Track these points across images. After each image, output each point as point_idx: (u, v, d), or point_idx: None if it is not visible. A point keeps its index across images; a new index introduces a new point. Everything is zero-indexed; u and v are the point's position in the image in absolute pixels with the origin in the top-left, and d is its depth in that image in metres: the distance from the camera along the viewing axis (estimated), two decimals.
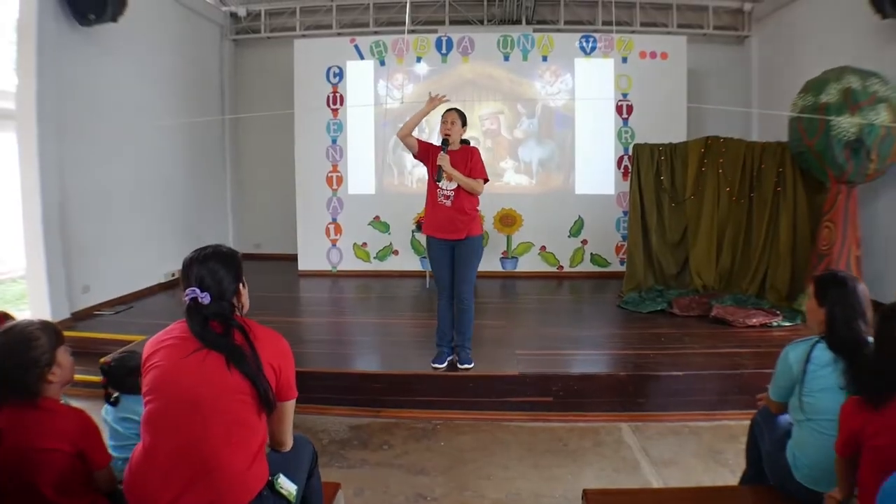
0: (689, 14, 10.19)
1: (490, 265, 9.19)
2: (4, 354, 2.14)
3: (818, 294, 2.78)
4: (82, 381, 5.13)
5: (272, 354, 2.18)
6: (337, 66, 9.36)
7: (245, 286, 2.36)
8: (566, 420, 4.67)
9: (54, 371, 2.21)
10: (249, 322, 2.22)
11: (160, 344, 2.16)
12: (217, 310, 2.17)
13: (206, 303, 2.16)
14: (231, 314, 2.21)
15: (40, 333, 2.22)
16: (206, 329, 2.12)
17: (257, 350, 2.12)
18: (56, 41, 6.65)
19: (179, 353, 2.09)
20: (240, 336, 2.13)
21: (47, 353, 2.20)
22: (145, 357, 2.17)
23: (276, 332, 2.27)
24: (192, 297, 2.16)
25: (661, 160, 7.63)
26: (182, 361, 2.07)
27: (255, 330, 2.18)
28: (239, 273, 2.32)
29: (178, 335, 2.15)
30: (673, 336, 5.93)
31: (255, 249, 11.09)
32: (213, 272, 2.22)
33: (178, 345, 2.11)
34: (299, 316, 7.44)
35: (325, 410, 4.82)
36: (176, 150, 9.23)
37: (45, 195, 6.48)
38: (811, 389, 2.65)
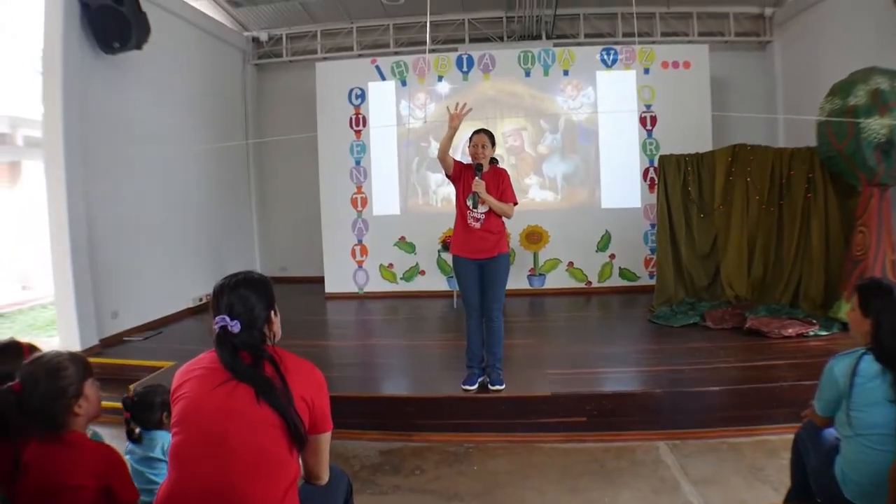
0: (710, 22, 10.12)
1: (517, 283, 9.05)
2: (31, 384, 2.10)
3: (862, 304, 2.70)
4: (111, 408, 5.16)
5: (305, 386, 2.11)
6: (359, 88, 9.38)
7: (277, 314, 2.31)
8: (601, 440, 4.56)
9: (81, 404, 2.17)
10: (281, 352, 2.15)
11: (189, 374, 2.11)
12: (247, 339, 2.12)
13: (237, 331, 2.11)
14: (262, 344, 2.16)
15: (69, 364, 2.18)
16: (235, 359, 2.07)
17: (289, 382, 2.05)
18: (81, 69, 6.74)
19: (208, 384, 2.04)
20: (270, 368, 2.07)
21: (75, 385, 2.16)
22: (174, 387, 2.12)
23: (309, 363, 2.21)
24: (222, 326, 2.11)
25: (687, 171, 7.53)
26: (210, 393, 2.02)
27: (286, 361, 2.12)
28: (270, 300, 2.27)
29: (206, 365, 2.11)
30: (707, 350, 5.81)
31: (282, 273, 11.12)
32: (243, 299, 2.18)
33: (207, 375, 2.06)
34: (327, 339, 7.39)
35: (355, 435, 4.75)
36: (201, 175, 9.29)
37: (72, 222, 6.52)
38: (859, 404, 2.56)
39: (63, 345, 6.64)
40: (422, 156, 9.24)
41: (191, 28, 9.09)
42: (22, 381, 2.10)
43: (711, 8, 10.01)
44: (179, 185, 8.67)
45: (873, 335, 2.60)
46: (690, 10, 10.04)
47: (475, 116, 8.90)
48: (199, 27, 9.33)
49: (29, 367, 2.14)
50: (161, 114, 8.25)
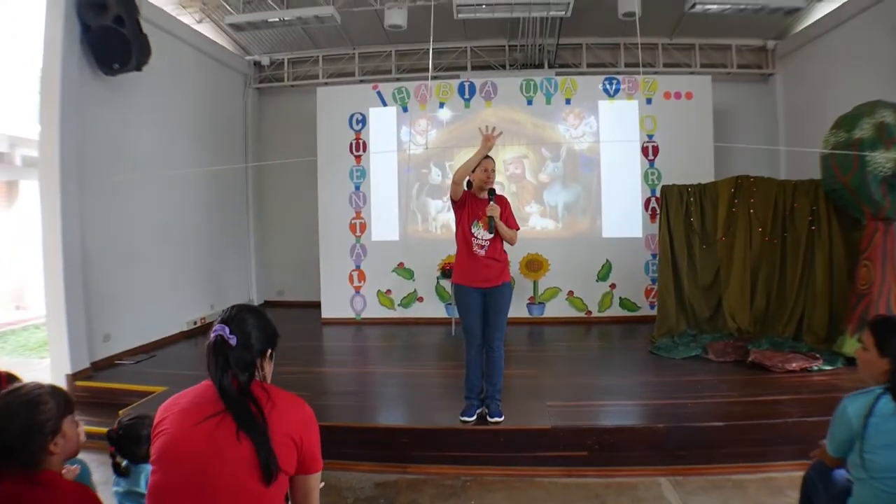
0: (712, 53, 10.16)
1: (517, 311, 8.89)
2: (7, 417, 1.96)
3: (880, 344, 2.61)
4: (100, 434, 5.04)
5: (294, 425, 2.00)
6: (360, 113, 9.35)
7: (272, 360, 2.21)
8: (602, 475, 4.45)
9: (58, 441, 2.03)
10: (269, 387, 2.06)
11: (172, 408, 2.00)
12: (239, 357, 2.02)
13: (233, 344, 2.02)
14: (250, 376, 2.05)
15: (49, 398, 2.04)
16: (224, 375, 1.97)
17: (275, 419, 1.95)
18: (79, 90, 6.69)
19: (190, 419, 1.92)
20: (253, 406, 1.96)
21: (53, 421, 2.02)
22: (156, 422, 2.00)
23: (299, 399, 2.10)
24: (219, 334, 2.02)
25: (690, 201, 7.47)
26: (191, 429, 1.90)
27: (274, 396, 2.02)
28: (271, 342, 2.18)
29: (191, 399, 2.00)
30: (710, 383, 5.71)
31: (278, 297, 11.10)
32: (244, 323, 2.09)
33: (190, 409, 1.95)
34: (323, 366, 7.28)
35: (349, 466, 4.64)
36: (199, 198, 9.24)
37: (66, 243, 6.45)
38: (874, 446, 2.46)
39: (54, 367, 6.58)
40: (422, 182, 9.18)
41: (192, 51, 9.09)
42: None
43: (714, 40, 10.05)
44: (177, 207, 8.61)
45: (893, 376, 2.52)
46: (693, 42, 10.08)
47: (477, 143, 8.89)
48: (201, 50, 9.34)
49: (5, 398, 2.01)
50: (160, 136, 8.22)
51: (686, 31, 9.83)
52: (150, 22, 7.49)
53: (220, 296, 9.70)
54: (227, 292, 10.01)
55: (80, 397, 6.30)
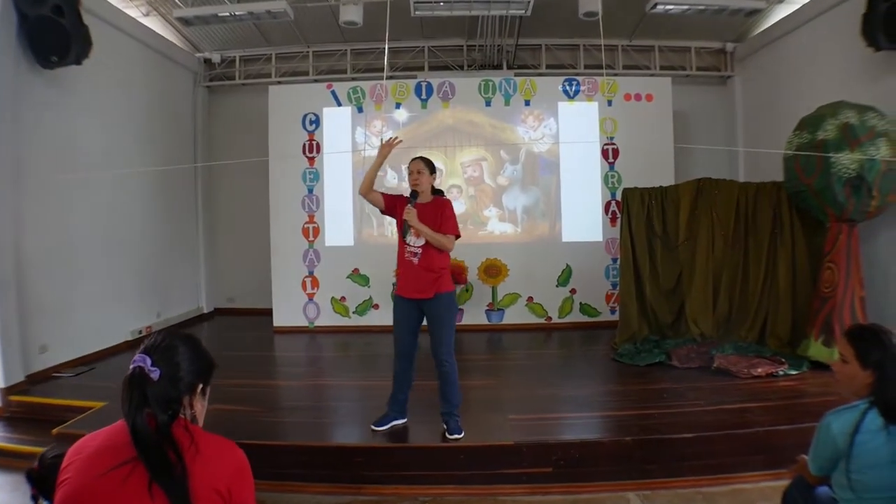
0: (672, 56, 10.11)
1: (475, 318, 8.89)
2: None
3: (861, 355, 2.45)
4: (32, 454, 4.69)
5: (221, 475, 1.69)
6: (313, 113, 9.08)
7: (205, 398, 1.92)
8: (568, 492, 4.27)
9: None
10: (194, 429, 1.75)
11: (79, 452, 1.69)
12: (160, 394, 1.72)
13: (154, 378, 1.72)
14: (173, 413, 1.75)
15: None
16: (139, 413, 1.65)
17: (198, 470, 1.64)
18: (14, 83, 6.32)
19: (96, 467, 1.61)
20: (172, 452, 1.64)
21: None
22: (63, 466, 1.70)
23: (229, 443, 1.79)
24: (138, 366, 1.73)
25: (651, 204, 7.36)
26: (96, 481, 1.59)
27: (199, 441, 1.71)
28: (203, 374, 1.89)
29: (101, 442, 1.69)
30: (675, 391, 5.57)
31: (229, 304, 10.75)
32: (173, 351, 1.81)
33: (98, 456, 1.65)
34: (274, 378, 6.98)
35: (300, 488, 4.40)
36: (145, 199, 8.86)
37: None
38: (862, 465, 2.32)
39: None
40: (377, 185, 8.84)
41: (138, 45, 8.71)
42: None
43: (674, 42, 10.00)
44: (121, 209, 8.23)
45: (877, 388, 2.38)
46: (652, 44, 10.02)
47: (434, 145, 8.73)
48: (147, 45, 8.95)
49: None
50: (103, 134, 7.84)
51: (646, 32, 9.75)
52: (93, 13, 7.15)
53: (166, 304, 9.33)
54: (175, 300, 9.63)
55: (15, 413, 5.99)
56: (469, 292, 8.83)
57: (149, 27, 9.06)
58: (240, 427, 4.84)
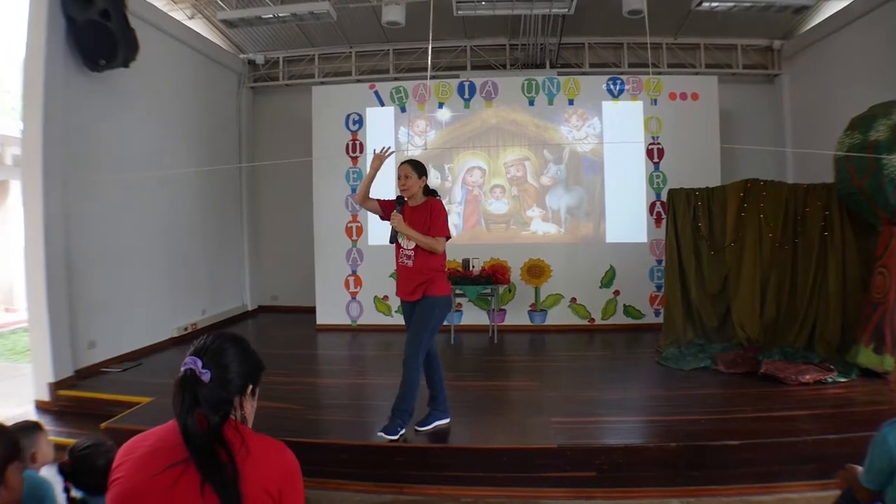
0: (717, 54, 9.94)
1: (518, 318, 8.86)
2: None
3: None
4: None
5: (271, 476, 1.69)
6: (356, 113, 9.12)
7: (255, 398, 1.91)
8: (611, 497, 4.22)
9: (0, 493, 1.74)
10: (245, 431, 1.75)
11: (131, 452, 1.70)
12: (211, 395, 1.71)
13: (206, 380, 1.72)
14: (224, 415, 1.74)
15: None
16: (190, 415, 1.65)
17: (249, 471, 1.64)
18: (64, 87, 6.47)
19: (148, 468, 1.62)
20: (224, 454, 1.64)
21: None
22: (115, 465, 1.70)
23: (280, 445, 1.79)
24: (189, 368, 1.72)
25: (697, 206, 7.26)
26: (148, 482, 1.60)
27: (250, 442, 1.70)
28: (253, 376, 1.88)
29: (153, 443, 1.70)
30: (722, 397, 5.48)
31: (272, 301, 10.88)
32: (223, 353, 1.80)
33: (150, 456, 1.65)
34: (316, 376, 7.04)
35: (342, 486, 4.41)
36: (191, 199, 9.01)
37: (48, 246, 6.22)
38: None
39: (36, 375, 6.36)
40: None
41: (183, 48, 8.84)
42: None
43: (719, 40, 9.83)
44: (167, 209, 8.37)
45: None
46: (698, 42, 9.86)
47: (477, 144, 8.71)
48: (192, 47, 9.09)
49: None
50: (150, 135, 7.98)
51: (691, 30, 9.60)
52: (139, 17, 7.28)
53: (212, 301, 9.46)
54: (220, 297, 9.77)
55: (63, 407, 6.13)
56: (512, 293, 8.80)
57: (194, 30, 9.22)
58: (283, 424, 4.89)
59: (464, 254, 8.42)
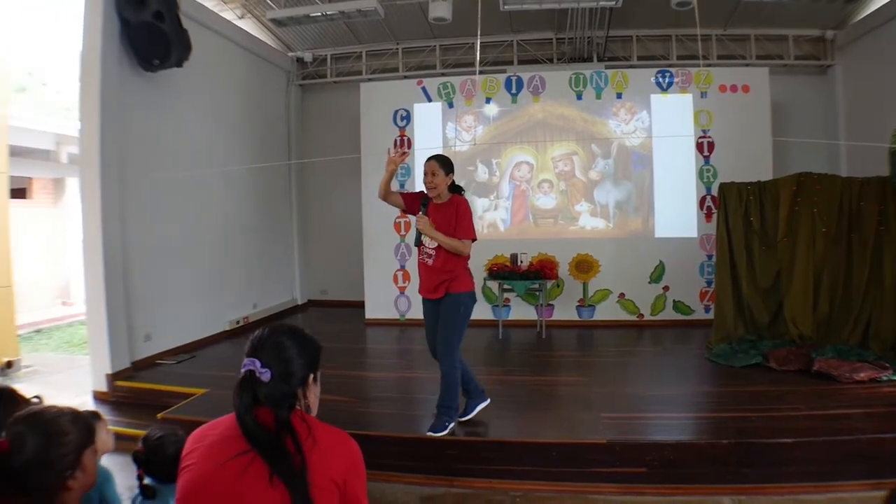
0: (768, 44, 9.75)
1: (566, 314, 8.85)
2: (21, 446, 1.69)
3: None
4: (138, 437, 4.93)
5: (337, 465, 1.74)
6: (404, 109, 9.19)
7: (317, 382, 1.97)
8: (662, 493, 4.20)
9: (76, 476, 1.78)
10: (311, 421, 1.80)
11: (201, 440, 1.77)
12: (273, 393, 1.76)
13: (266, 380, 1.76)
14: (289, 407, 1.80)
15: (70, 428, 1.78)
16: (248, 413, 1.71)
17: (315, 461, 1.69)
18: (120, 87, 6.65)
19: (217, 456, 1.68)
20: (291, 443, 1.70)
21: (72, 455, 1.77)
22: (184, 453, 1.78)
23: (344, 434, 1.84)
24: (249, 369, 1.77)
25: (749, 200, 7.14)
26: (218, 470, 1.66)
27: (316, 432, 1.76)
28: (313, 363, 1.93)
29: (221, 431, 1.76)
30: (774, 395, 5.39)
31: (322, 296, 11.04)
32: (280, 349, 1.84)
33: (220, 444, 1.72)
34: (365, 369, 7.12)
35: (393, 478, 4.45)
36: (241, 195, 9.18)
37: (106, 241, 6.41)
38: None
39: (94, 366, 6.57)
40: (468, 179, 8.96)
41: (233, 47, 9.02)
42: (10, 439, 1.70)
43: (770, 30, 9.63)
44: (218, 205, 8.56)
45: None
46: (748, 33, 9.68)
47: (524, 139, 8.72)
48: (242, 46, 9.26)
49: (21, 424, 1.74)
50: (201, 133, 8.17)
51: (741, 20, 9.43)
52: (191, 17, 7.44)
53: (263, 295, 9.64)
54: (271, 291, 9.95)
55: (120, 397, 6.33)
56: (560, 288, 8.78)
57: (244, 29, 9.38)
58: (336, 416, 4.92)
59: (512, 249, 8.42)
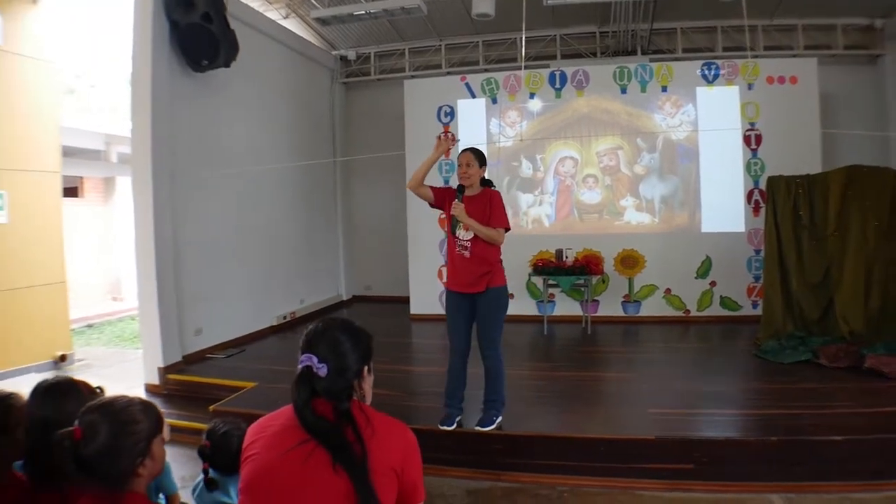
0: (816, 34, 9.55)
1: (611, 309, 8.82)
2: (94, 435, 1.78)
3: None
4: (189, 429, 5.08)
5: (395, 453, 1.80)
6: (448, 105, 9.23)
7: (371, 373, 2.02)
8: (710, 490, 4.19)
9: (146, 463, 1.87)
10: (369, 411, 1.87)
11: (262, 431, 1.84)
12: (331, 386, 1.83)
13: (323, 374, 1.82)
14: (347, 398, 1.86)
15: (141, 417, 1.87)
16: (307, 407, 1.78)
17: (375, 449, 1.75)
18: (170, 87, 6.81)
19: (280, 445, 1.75)
20: (351, 432, 1.76)
21: (143, 443, 1.86)
22: (246, 444, 1.85)
23: (400, 424, 1.90)
24: (307, 366, 1.83)
25: (798, 193, 7.01)
26: (282, 458, 1.73)
27: (374, 421, 1.82)
28: (366, 355, 1.99)
29: (283, 422, 1.82)
30: (824, 392, 5.32)
31: (366, 291, 11.15)
32: (335, 343, 1.90)
33: (281, 434, 1.78)
34: (410, 364, 7.20)
35: (441, 472, 4.51)
36: (287, 193, 9.33)
37: (158, 238, 6.59)
38: None
39: (147, 360, 6.76)
40: (512, 175, 9.00)
41: (279, 47, 9.17)
42: (83, 428, 1.79)
43: (818, 20, 9.44)
44: (265, 202, 8.71)
45: None
46: (795, 23, 9.49)
47: (568, 134, 8.70)
48: (288, 46, 9.41)
49: (94, 413, 1.83)
50: (248, 132, 8.32)
51: (788, 10, 9.25)
52: (237, 18, 7.58)
53: (309, 291, 9.78)
54: (316, 287, 10.09)
55: (172, 390, 6.51)
56: (605, 283, 8.75)
57: (288, 29, 9.52)
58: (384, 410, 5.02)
59: (556, 244, 8.41)
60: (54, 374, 2.41)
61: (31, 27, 7.72)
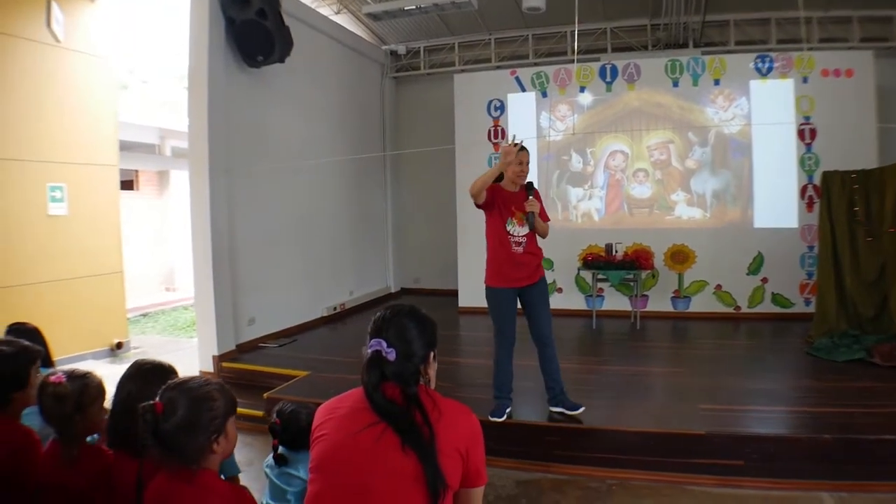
0: (872, 26, 9.29)
1: (661, 305, 8.78)
2: (174, 410, 1.88)
3: None
4: (244, 415, 5.21)
5: (460, 436, 1.86)
6: (498, 100, 9.27)
7: (436, 359, 2.08)
8: (760, 487, 4.17)
9: (220, 441, 1.95)
10: (435, 395, 1.93)
11: (332, 412, 1.92)
12: (399, 370, 1.90)
13: (392, 359, 1.90)
14: (414, 382, 1.93)
15: (218, 395, 1.96)
16: (376, 391, 1.85)
17: (442, 431, 1.81)
18: (226, 83, 6.99)
19: (351, 426, 1.83)
20: (419, 414, 1.84)
21: (219, 419, 1.95)
22: (315, 425, 1.93)
23: (464, 408, 1.96)
24: (376, 350, 1.91)
25: (854, 189, 6.89)
26: (352, 438, 1.81)
27: (441, 405, 1.89)
28: (432, 341, 2.05)
29: (352, 404, 1.90)
30: (879, 391, 5.24)
31: (415, 284, 11.26)
32: (403, 330, 1.97)
33: (351, 416, 1.86)
34: (459, 356, 7.22)
35: (490, 462, 4.50)
36: (338, 186, 9.48)
37: (214, 230, 6.77)
38: None
39: (202, 348, 6.99)
40: (562, 169, 9.00)
41: (331, 42, 9.30)
42: (164, 403, 1.89)
43: (874, 11, 9.19)
44: (317, 195, 8.86)
45: None
46: (851, 14, 9.26)
47: (619, 128, 8.68)
48: (340, 41, 9.53)
49: (174, 391, 1.93)
50: (301, 126, 8.48)
51: (843, 2, 9.04)
52: (291, 14, 7.68)
53: (358, 283, 9.93)
54: (365, 279, 10.24)
55: (226, 377, 6.54)
56: (655, 278, 8.72)
57: (340, 24, 9.65)
58: None
59: (606, 238, 8.41)
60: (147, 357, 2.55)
61: (88, 24, 7.96)
